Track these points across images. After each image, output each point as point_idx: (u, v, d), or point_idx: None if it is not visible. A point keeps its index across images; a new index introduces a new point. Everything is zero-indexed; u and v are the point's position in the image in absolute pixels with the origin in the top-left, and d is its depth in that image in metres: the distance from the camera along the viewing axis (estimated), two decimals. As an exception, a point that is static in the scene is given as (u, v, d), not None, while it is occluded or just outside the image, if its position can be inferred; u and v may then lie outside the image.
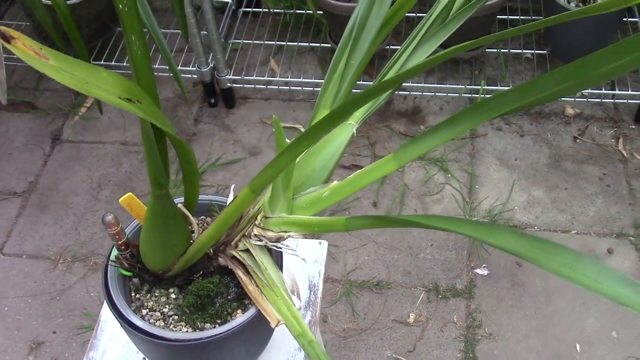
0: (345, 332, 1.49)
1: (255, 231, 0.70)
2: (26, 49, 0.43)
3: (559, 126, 1.84)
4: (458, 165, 1.77)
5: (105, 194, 1.78)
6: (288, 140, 0.71)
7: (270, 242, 0.70)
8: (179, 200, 0.73)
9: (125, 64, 1.91)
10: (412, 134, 1.85)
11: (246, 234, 0.72)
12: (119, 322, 0.70)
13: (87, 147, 1.90)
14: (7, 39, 0.42)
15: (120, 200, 0.73)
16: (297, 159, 0.70)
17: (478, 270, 1.56)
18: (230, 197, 0.79)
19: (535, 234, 1.62)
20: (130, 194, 0.73)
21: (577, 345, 1.43)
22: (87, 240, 1.68)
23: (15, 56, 1.55)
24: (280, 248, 0.70)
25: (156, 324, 0.72)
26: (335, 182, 0.68)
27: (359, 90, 1.81)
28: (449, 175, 1.75)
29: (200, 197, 0.80)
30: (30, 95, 2.05)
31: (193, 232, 0.75)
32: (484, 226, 0.51)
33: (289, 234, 0.68)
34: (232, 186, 0.80)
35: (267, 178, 0.63)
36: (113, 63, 1.92)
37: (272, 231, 0.69)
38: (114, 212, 0.70)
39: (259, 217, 0.70)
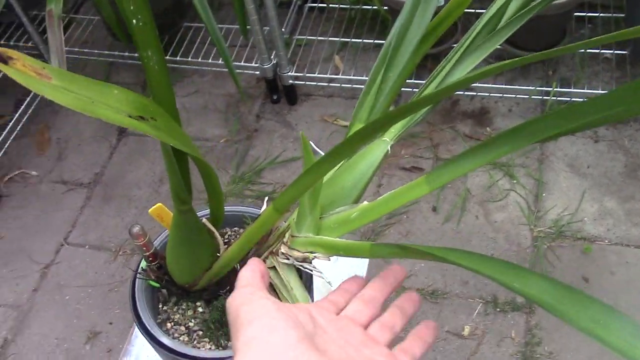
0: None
1: (283, 249, 0.67)
2: (26, 69, 0.42)
3: (637, 132, 1.72)
4: (525, 171, 1.69)
5: (166, 188, 1.80)
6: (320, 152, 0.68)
7: (297, 261, 0.67)
8: (204, 214, 0.71)
9: (190, 58, 1.93)
10: (478, 137, 1.77)
11: (274, 250, 0.69)
12: (144, 336, 0.69)
13: (151, 140, 1.93)
14: (5, 60, 0.40)
15: (150, 210, 0.72)
16: (328, 176, 0.67)
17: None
18: (263, 210, 0.77)
19: (606, 248, 1.52)
20: (160, 204, 0.72)
21: (646, 371, 1.33)
22: (148, 230, 1.71)
23: (86, 50, 1.58)
24: (307, 269, 0.67)
25: (180, 338, 0.71)
26: (365, 202, 0.64)
27: (409, 89, 1.71)
28: (515, 181, 1.67)
29: (235, 208, 0.79)
30: (100, 88, 2.10)
31: (219, 245, 0.73)
32: (512, 268, 0.46)
33: (314, 255, 0.65)
34: (266, 199, 0.77)
35: (290, 197, 0.60)
36: (178, 58, 1.94)
37: (298, 251, 0.66)
38: (144, 223, 0.69)
39: (287, 235, 0.68)
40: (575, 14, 1.79)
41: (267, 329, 0.41)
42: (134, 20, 0.49)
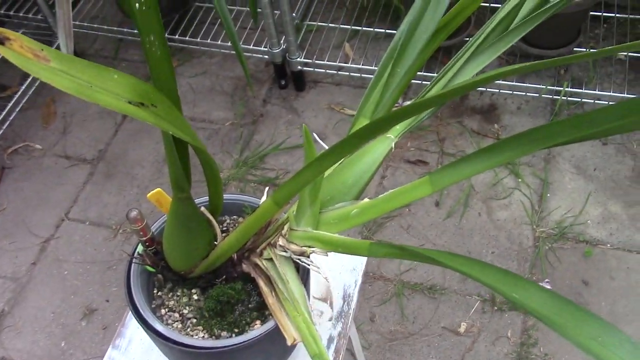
0: (392, 334, 1.45)
1: (281, 242, 0.67)
2: (24, 50, 0.41)
3: (647, 137, 1.70)
4: (530, 170, 1.67)
5: (169, 168, 1.79)
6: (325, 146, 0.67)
7: (295, 255, 0.66)
8: (203, 202, 0.70)
9: (199, 39, 1.91)
10: (485, 133, 1.76)
11: (272, 242, 0.68)
12: (137, 321, 0.68)
13: (157, 120, 1.92)
14: (2, 40, 0.39)
15: (148, 195, 0.71)
16: (329, 171, 0.66)
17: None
18: (263, 200, 0.76)
19: (607, 252, 1.51)
20: (159, 189, 0.72)
21: (640, 378, 1.33)
22: (147, 214, 1.68)
23: (95, 25, 1.56)
24: (304, 263, 0.66)
25: (174, 325, 0.70)
26: (366, 199, 0.63)
27: (418, 82, 1.69)
28: (520, 180, 1.65)
29: (234, 197, 0.78)
30: (109, 64, 2.09)
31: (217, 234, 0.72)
32: (512, 277, 0.45)
33: (312, 249, 0.64)
34: (267, 189, 0.76)
35: (290, 191, 0.59)
36: (187, 38, 1.93)
37: (296, 244, 0.65)
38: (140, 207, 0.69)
39: (285, 227, 0.67)
40: (591, 13, 1.77)
41: None
42: (137, 4, 0.48)
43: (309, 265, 0.66)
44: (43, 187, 1.80)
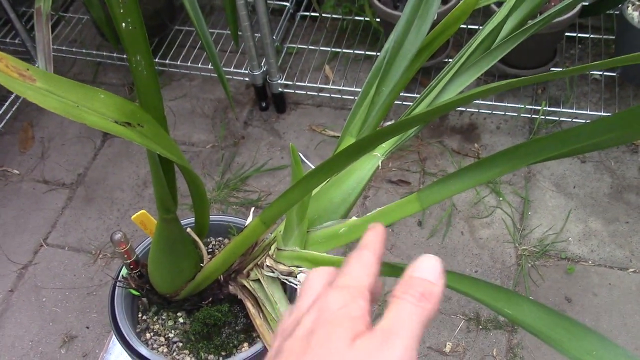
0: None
1: (268, 262, 0.66)
2: (9, 70, 0.40)
3: (624, 154, 1.73)
4: (511, 189, 1.68)
5: (150, 192, 1.78)
6: (311, 165, 0.67)
7: (282, 275, 0.66)
8: (189, 223, 0.70)
9: (179, 62, 1.91)
10: (466, 152, 1.77)
11: (259, 263, 0.68)
12: (122, 346, 0.67)
13: (137, 143, 1.91)
14: (-13, 59, 0.39)
15: (133, 217, 0.70)
16: (316, 190, 0.65)
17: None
18: (248, 221, 0.75)
19: (589, 269, 1.52)
20: (143, 211, 0.71)
21: (625, 394, 1.33)
22: (130, 236, 1.68)
23: (74, 49, 1.55)
24: (292, 283, 0.65)
25: (159, 349, 0.69)
26: (354, 218, 0.62)
27: (403, 103, 1.71)
28: (501, 198, 1.67)
29: (219, 217, 0.77)
30: (87, 88, 2.08)
31: (203, 256, 0.71)
32: (503, 292, 0.45)
33: (300, 269, 0.64)
34: (252, 209, 0.76)
35: (278, 211, 0.59)
36: (167, 61, 1.92)
37: (284, 265, 0.65)
38: (125, 229, 0.68)
39: (272, 248, 0.66)
40: (566, 34, 1.80)
41: None
42: (123, 24, 0.48)
43: (297, 285, 0.65)
44: (21, 213, 1.77)
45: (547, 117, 1.73)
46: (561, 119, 1.71)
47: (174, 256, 0.65)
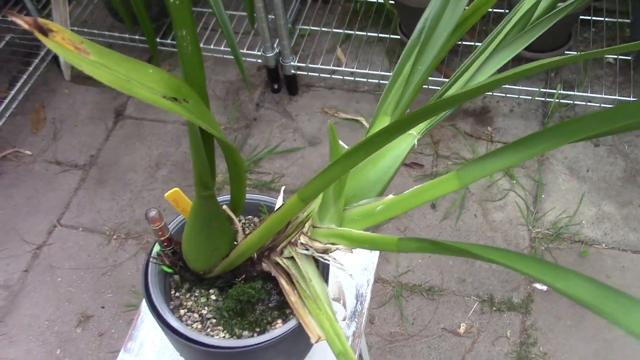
0: (392, 336, 1.45)
1: (302, 240, 0.66)
2: (65, 43, 0.40)
3: (637, 138, 1.73)
4: (524, 172, 1.69)
5: (163, 173, 1.78)
6: (344, 145, 0.67)
7: (317, 252, 0.66)
8: (224, 200, 0.70)
9: (191, 44, 1.90)
10: (479, 136, 1.77)
11: (292, 241, 0.68)
12: (157, 321, 0.68)
13: (149, 124, 1.91)
14: (45, 32, 0.39)
15: (166, 195, 0.70)
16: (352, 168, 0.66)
17: (537, 285, 1.49)
18: (280, 200, 0.75)
19: (602, 252, 1.52)
20: (176, 189, 0.71)
21: (639, 375, 1.35)
22: (141, 218, 1.69)
23: (85, 29, 1.55)
24: (327, 260, 0.66)
25: (193, 325, 0.69)
26: (391, 196, 0.63)
27: (428, 87, 1.72)
28: (514, 181, 1.67)
29: (249, 196, 0.77)
30: (98, 69, 2.07)
31: (238, 234, 0.72)
32: (551, 267, 0.45)
33: (336, 246, 0.64)
34: (283, 188, 0.76)
35: (317, 187, 0.59)
36: (180, 42, 1.92)
37: (320, 242, 0.65)
38: (158, 206, 0.68)
39: (307, 225, 0.67)
40: (581, 17, 1.79)
41: None
42: (172, -2, 0.48)
43: (331, 262, 0.66)
44: (34, 194, 1.77)
45: (560, 101, 1.73)
46: (575, 102, 1.71)
47: (210, 233, 0.65)
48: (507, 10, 1.82)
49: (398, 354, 1.42)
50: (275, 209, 0.71)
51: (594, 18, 1.81)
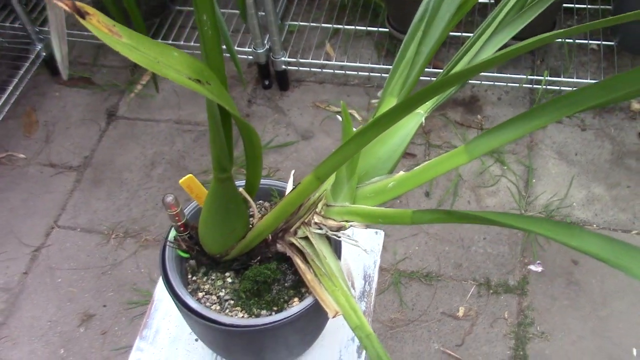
0: (393, 322, 1.47)
1: (316, 219, 0.69)
2: (101, 25, 0.42)
3: (623, 121, 1.77)
4: (515, 158, 1.72)
5: (158, 171, 1.79)
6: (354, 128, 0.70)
7: (331, 231, 0.68)
8: (239, 184, 0.72)
9: (182, 42, 1.92)
10: (469, 124, 1.80)
11: (306, 221, 0.70)
12: (176, 304, 0.69)
13: (142, 124, 1.92)
14: (82, 14, 0.41)
15: (180, 181, 0.72)
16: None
17: (532, 267, 1.52)
18: (290, 184, 0.78)
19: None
20: (191, 175, 0.73)
21: (634, 350, 1.38)
22: (138, 217, 1.70)
23: (74, 31, 1.56)
24: (340, 237, 0.68)
25: (212, 307, 0.71)
26: (402, 172, 0.65)
27: (422, 78, 1.75)
28: (505, 167, 1.70)
29: (261, 181, 0.79)
30: (88, 71, 2.08)
31: (252, 216, 0.74)
32: (565, 227, 0.48)
33: (350, 224, 0.66)
34: (292, 172, 0.78)
35: (332, 165, 0.61)
36: (170, 42, 1.93)
37: (334, 220, 0.67)
38: (168, 191, 0.70)
39: (320, 205, 0.69)
40: (564, 5, 1.83)
41: None
42: (194, -16, 0.50)
43: (345, 239, 0.68)
44: (30, 196, 1.78)
45: (547, 87, 1.77)
46: (562, 88, 1.75)
47: (227, 215, 0.67)
48: (492, 1, 1.86)
49: (399, 339, 1.45)
50: (287, 192, 0.74)
51: (576, 6, 1.86)
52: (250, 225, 0.72)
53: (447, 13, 0.67)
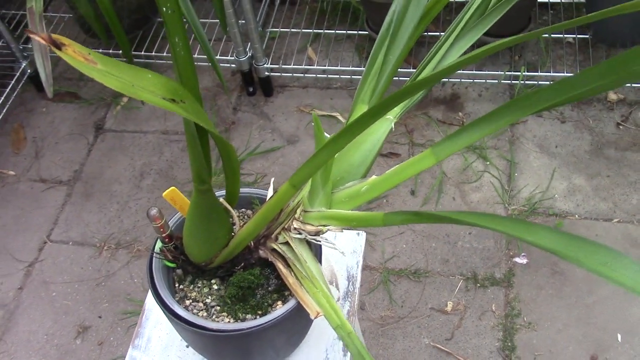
0: (383, 319, 1.50)
1: (295, 225, 0.72)
2: (77, 55, 0.45)
3: (601, 112, 1.81)
4: (497, 153, 1.76)
5: (147, 182, 1.82)
6: (327, 135, 0.73)
7: (310, 235, 0.71)
8: (220, 194, 0.75)
9: (165, 54, 1.95)
10: (451, 122, 1.84)
11: (286, 227, 0.73)
12: (164, 313, 0.72)
13: (129, 136, 1.94)
14: (58, 46, 0.44)
15: (164, 194, 0.75)
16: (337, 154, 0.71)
17: (517, 259, 1.56)
18: (270, 191, 0.80)
19: (576, 223, 1.60)
20: (173, 188, 0.75)
21: (619, 335, 1.42)
22: (130, 228, 1.72)
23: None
24: (320, 241, 0.71)
25: (199, 314, 0.74)
26: (374, 176, 0.68)
27: (399, 78, 1.78)
28: (488, 162, 1.74)
29: (241, 190, 0.82)
30: (74, 86, 2.10)
31: (234, 225, 0.76)
32: (522, 224, 0.51)
33: (328, 227, 0.69)
34: (272, 180, 0.81)
35: (306, 173, 0.64)
36: (153, 53, 1.96)
37: (312, 225, 0.70)
38: (156, 203, 0.73)
39: (298, 211, 0.72)
40: (539, 0, 1.87)
41: None
42: (164, 9, 0.52)
43: (323, 243, 0.71)
44: (21, 212, 1.80)
45: (526, 82, 1.81)
46: (540, 82, 1.78)
47: (210, 224, 0.70)
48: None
49: (390, 336, 1.48)
50: (267, 199, 0.76)
51: (551, 1, 1.89)
52: (233, 234, 0.75)
53: (411, 23, 0.70)
